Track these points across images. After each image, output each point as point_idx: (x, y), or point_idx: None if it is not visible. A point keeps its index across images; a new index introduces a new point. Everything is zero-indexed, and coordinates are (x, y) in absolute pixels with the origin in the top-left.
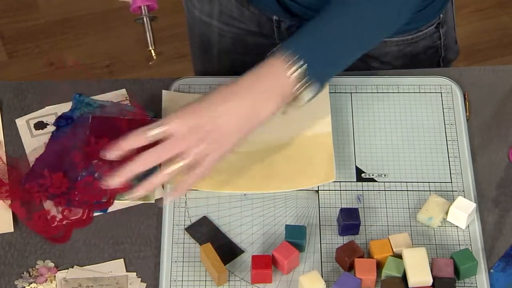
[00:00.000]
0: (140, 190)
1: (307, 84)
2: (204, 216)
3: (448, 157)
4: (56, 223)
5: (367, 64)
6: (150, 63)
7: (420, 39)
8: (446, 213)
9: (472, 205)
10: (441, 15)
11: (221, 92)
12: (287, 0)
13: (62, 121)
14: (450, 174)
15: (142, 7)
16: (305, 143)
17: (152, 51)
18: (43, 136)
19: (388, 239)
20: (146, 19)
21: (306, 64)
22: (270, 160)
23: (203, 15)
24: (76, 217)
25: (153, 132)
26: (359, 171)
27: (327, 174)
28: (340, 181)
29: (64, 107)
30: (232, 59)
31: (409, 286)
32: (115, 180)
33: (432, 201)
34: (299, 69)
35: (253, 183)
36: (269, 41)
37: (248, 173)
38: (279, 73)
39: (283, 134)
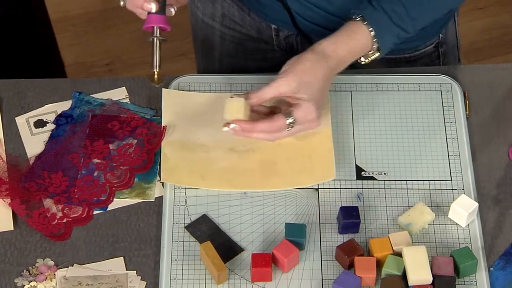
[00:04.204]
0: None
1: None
2: (204, 215)
3: (448, 155)
4: (56, 221)
5: None
6: (153, 84)
7: (418, 58)
8: (428, 224)
9: (474, 204)
10: (441, 35)
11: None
12: (296, 15)
13: (62, 119)
14: (450, 172)
15: (155, 28)
16: (304, 141)
17: (156, 73)
18: (43, 135)
19: (388, 237)
20: (156, 41)
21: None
22: (270, 158)
23: (206, 17)
24: (76, 215)
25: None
26: (359, 169)
27: (327, 172)
28: (340, 180)
29: (64, 105)
30: (232, 63)
31: (409, 284)
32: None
33: (418, 209)
34: (378, 46)
35: (253, 182)
36: (269, 47)
37: (248, 171)
38: (367, 45)
39: None
